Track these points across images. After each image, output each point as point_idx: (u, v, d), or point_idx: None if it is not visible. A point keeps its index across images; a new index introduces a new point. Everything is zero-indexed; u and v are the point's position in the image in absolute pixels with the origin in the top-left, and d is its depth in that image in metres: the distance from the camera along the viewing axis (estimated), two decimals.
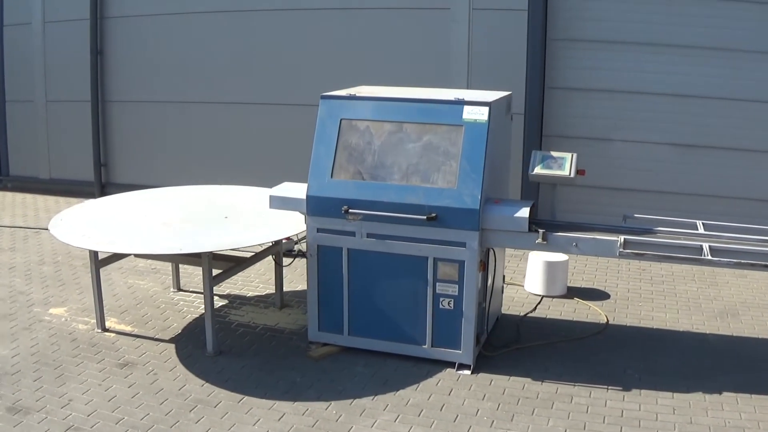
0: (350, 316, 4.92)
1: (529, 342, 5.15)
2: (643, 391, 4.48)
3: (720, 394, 4.43)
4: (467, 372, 4.72)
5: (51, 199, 9.27)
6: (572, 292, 6.15)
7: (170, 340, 5.16)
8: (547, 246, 4.50)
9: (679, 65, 7.20)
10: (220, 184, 6.42)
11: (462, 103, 4.66)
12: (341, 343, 5.00)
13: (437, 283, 4.68)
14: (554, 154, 4.62)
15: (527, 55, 7.48)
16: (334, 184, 4.78)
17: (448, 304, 4.69)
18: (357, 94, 4.92)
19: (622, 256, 4.13)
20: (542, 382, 4.60)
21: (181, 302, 5.89)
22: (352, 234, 4.77)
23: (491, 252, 4.83)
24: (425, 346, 4.81)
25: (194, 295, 6.05)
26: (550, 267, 6.06)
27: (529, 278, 6.21)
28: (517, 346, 5.08)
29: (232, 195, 5.93)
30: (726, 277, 6.48)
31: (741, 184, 7.15)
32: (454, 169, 4.58)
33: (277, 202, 5.01)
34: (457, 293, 4.66)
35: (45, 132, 9.57)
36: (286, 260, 5.95)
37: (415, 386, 4.54)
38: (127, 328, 5.35)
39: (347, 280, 4.86)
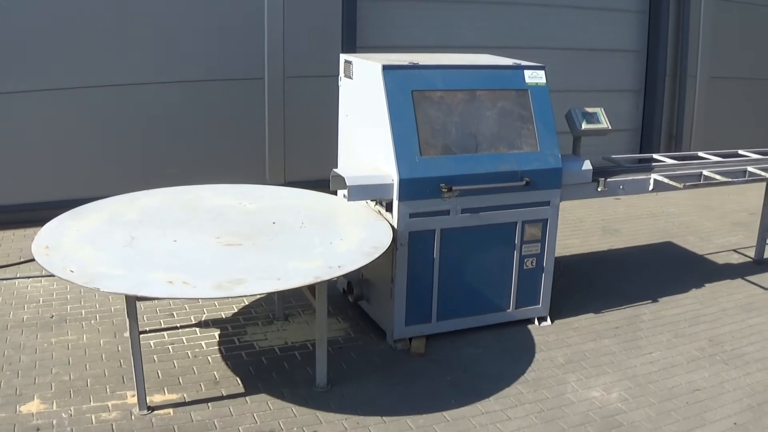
0: (439, 300, 4.61)
1: None
2: (666, 299, 5.41)
3: (704, 286, 5.67)
4: (548, 323, 4.96)
5: None
6: None
7: (248, 392, 3.99)
8: (606, 192, 5.01)
9: (476, 20, 8.14)
10: None
11: (522, 67, 4.73)
12: (429, 331, 4.65)
13: (523, 245, 4.75)
14: (588, 109, 5.06)
15: (342, 14, 7.43)
16: (427, 162, 4.36)
17: (531, 263, 4.82)
18: (419, 63, 4.49)
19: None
20: (603, 312, 5.16)
21: (171, 347, 4.45)
22: (446, 213, 4.46)
23: None
24: (509, 310, 4.85)
25: (167, 333, 4.62)
26: None
27: None
28: None
29: (197, 197, 4.67)
30: None
31: None
32: (532, 131, 4.66)
33: (359, 193, 4.30)
34: (539, 251, 4.81)
35: None
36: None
37: (537, 349, 4.61)
38: (174, 397, 3.91)
39: (438, 264, 4.52)
